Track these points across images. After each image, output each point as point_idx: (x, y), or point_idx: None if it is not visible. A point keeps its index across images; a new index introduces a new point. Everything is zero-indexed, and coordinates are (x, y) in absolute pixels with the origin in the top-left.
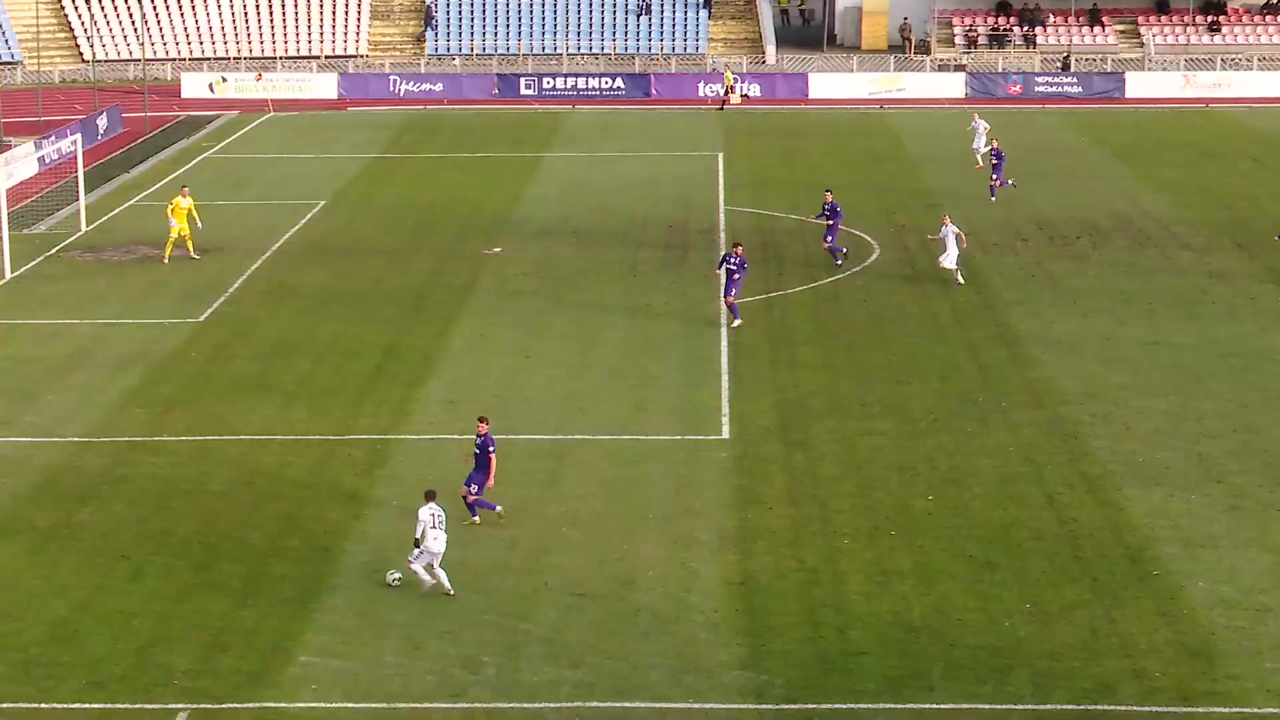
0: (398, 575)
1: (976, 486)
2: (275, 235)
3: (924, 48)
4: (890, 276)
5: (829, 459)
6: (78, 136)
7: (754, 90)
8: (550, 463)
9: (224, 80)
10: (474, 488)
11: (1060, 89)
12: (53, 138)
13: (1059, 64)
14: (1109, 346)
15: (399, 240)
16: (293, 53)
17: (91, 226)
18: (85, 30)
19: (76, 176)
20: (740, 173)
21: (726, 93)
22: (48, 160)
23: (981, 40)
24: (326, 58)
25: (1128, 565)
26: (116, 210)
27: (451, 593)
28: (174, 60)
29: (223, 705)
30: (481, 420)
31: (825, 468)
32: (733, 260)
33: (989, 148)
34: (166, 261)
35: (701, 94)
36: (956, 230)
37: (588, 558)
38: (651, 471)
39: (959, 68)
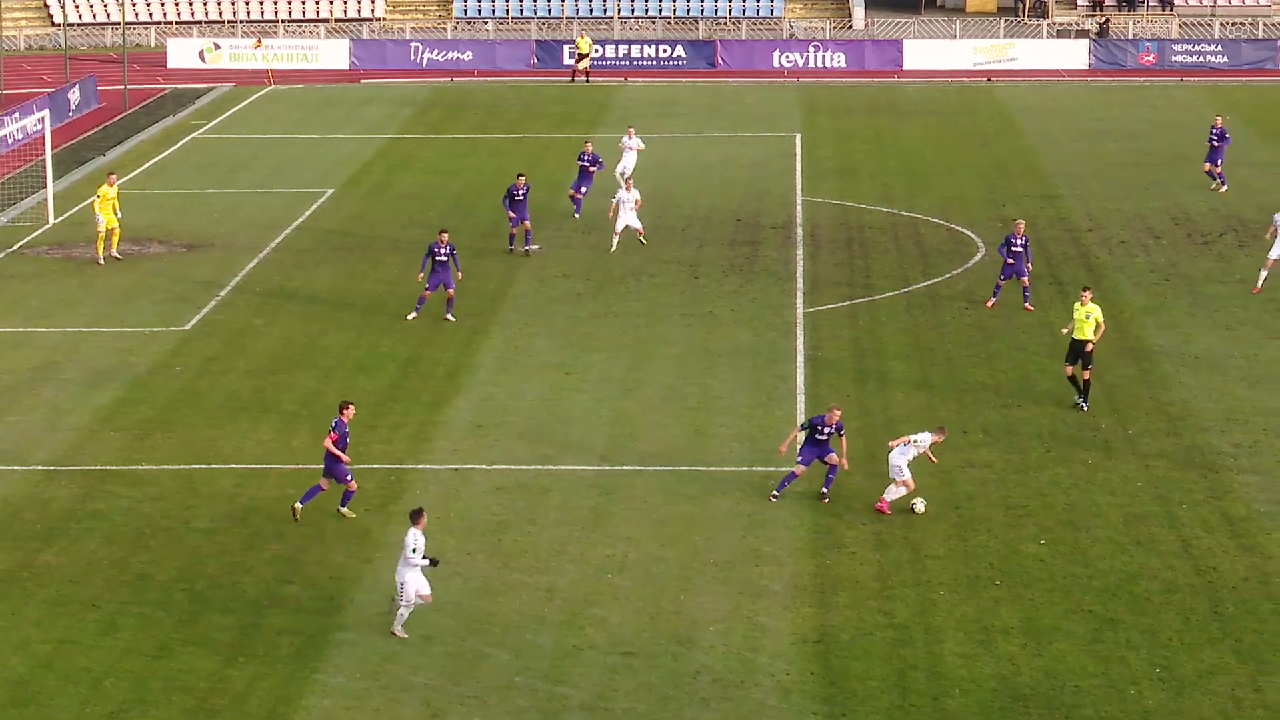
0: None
1: (1098, 529)
2: (275, 229)
3: (1040, 9)
4: (997, 279)
5: (924, 495)
6: (45, 113)
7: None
8: (595, 498)
9: (216, 47)
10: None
11: (1203, 59)
12: (16, 114)
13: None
14: (1257, 365)
15: (420, 236)
16: (297, 15)
17: (60, 219)
18: None
19: (44, 160)
20: (822, 158)
21: (578, 62)
22: (10, 141)
23: (1109, 1)
24: (337, 21)
25: (1277, 624)
26: (90, 200)
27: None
28: (158, 24)
29: None
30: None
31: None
32: (440, 249)
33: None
34: (103, 263)
35: (777, 64)
36: (638, 198)
37: (638, 610)
38: (714, 509)
39: (1082, 33)
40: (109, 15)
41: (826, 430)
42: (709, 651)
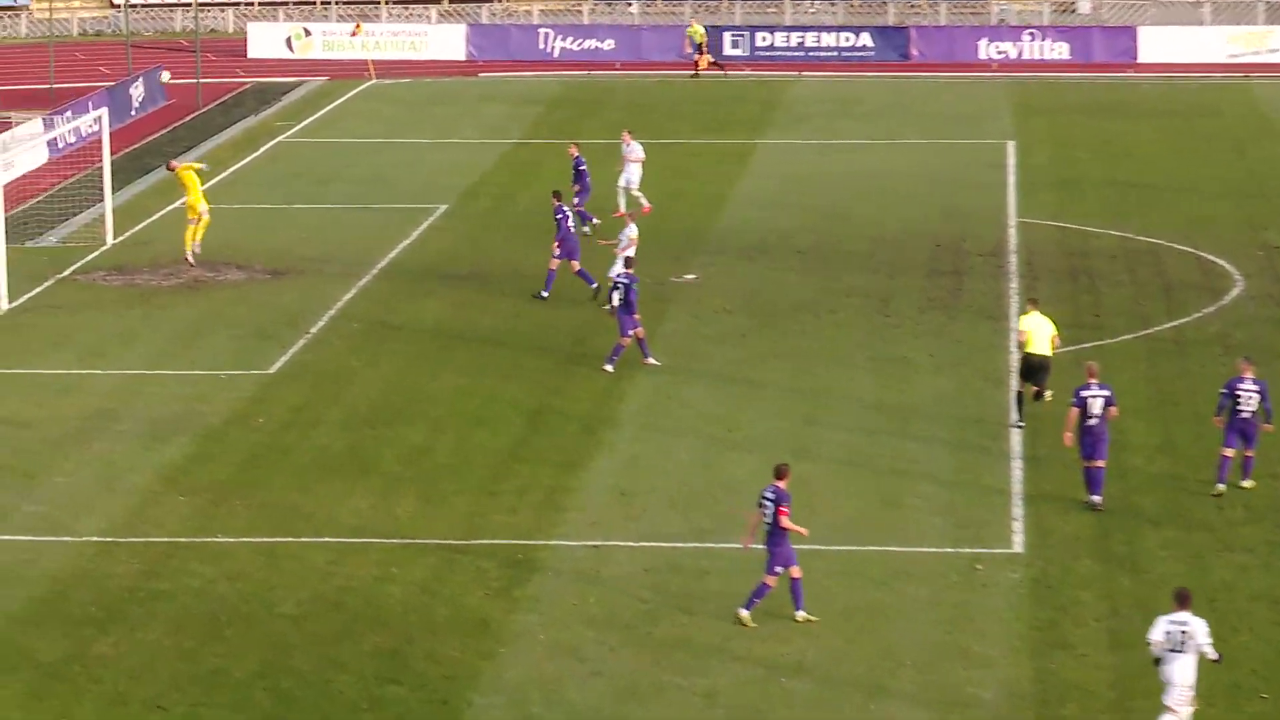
0: None
1: None
2: (376, 253)
3: None
4: (1259, 320)
5: (1170, 584)
6: (103, 112)
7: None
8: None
9: (306, 34)
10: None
11: None
12: (69, 113)
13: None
14: None
15: (550, 261)
16: None
17: (121, 238)
18: None
19: (101, 167)
20: (1040, 169)
21: (697, 54)
22: (61, 144)
23: None
24: (451, 3)
25: None
26: (156, 215)
27: None
28: (238, 5)
29: None
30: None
31: (1164, 598)
32: (630, 283)
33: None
34: (193, 261)
35: (984, 55)
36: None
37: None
38: (909, 598)
39: None
40: None
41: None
42: None
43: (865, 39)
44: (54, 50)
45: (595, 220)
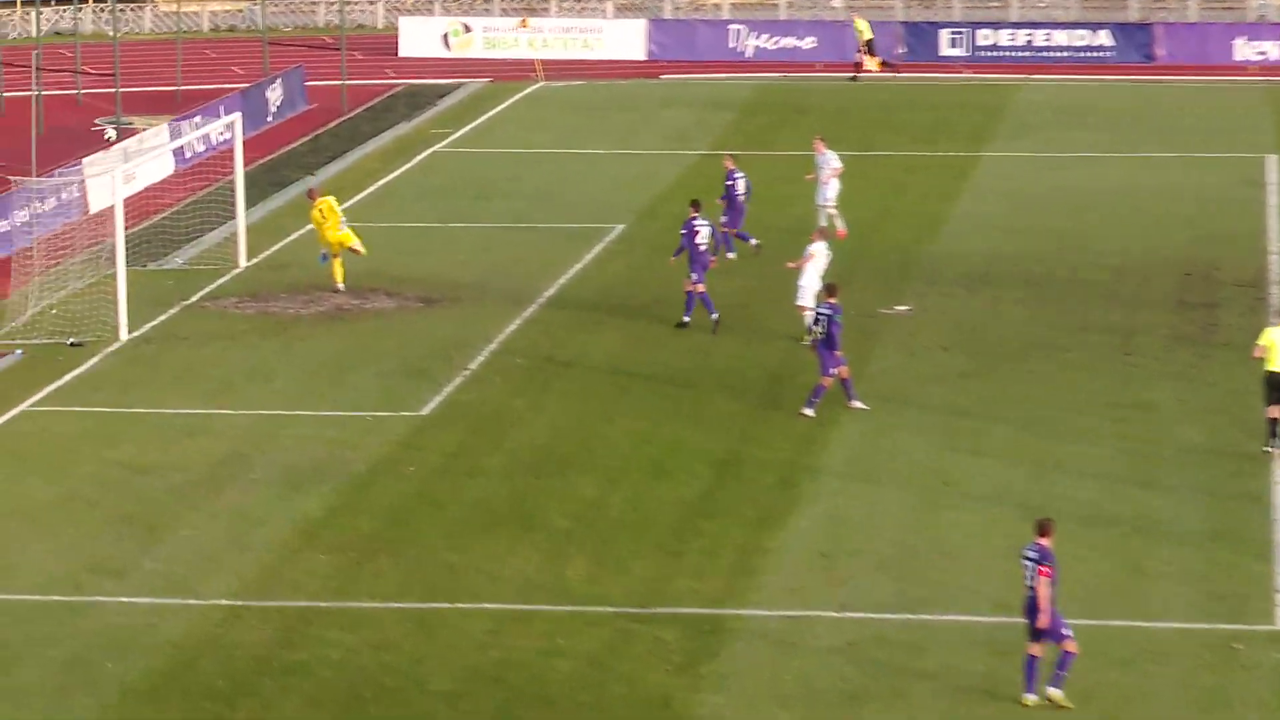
0: None
1: None
2: (543, 279)
3: None
4: None
5: None
6: (237, 117)
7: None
8: (988, 659)
9: (466, 30)
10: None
11: None
12: (198, 119)
13: None
14: None
15: (741, 288)
16: None
17: (255, 260)
18: None
19: (234, 180)
20: None
21: (859, 54)
22: (190, 154)
23: None
24: None
25: None
26: (294, 235)
27: None
28: None
29: None
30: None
31: None
32: (835, 313)
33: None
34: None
35: (1240, 57)
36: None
37: None
38: (1157, 679)
39: None
40: None
41: None
42: None
43: (1103, 37)
44: (182, 48)
45: (755, 241)
